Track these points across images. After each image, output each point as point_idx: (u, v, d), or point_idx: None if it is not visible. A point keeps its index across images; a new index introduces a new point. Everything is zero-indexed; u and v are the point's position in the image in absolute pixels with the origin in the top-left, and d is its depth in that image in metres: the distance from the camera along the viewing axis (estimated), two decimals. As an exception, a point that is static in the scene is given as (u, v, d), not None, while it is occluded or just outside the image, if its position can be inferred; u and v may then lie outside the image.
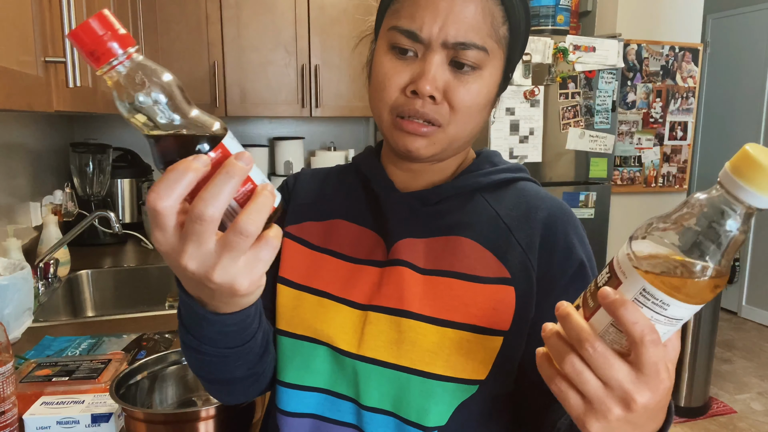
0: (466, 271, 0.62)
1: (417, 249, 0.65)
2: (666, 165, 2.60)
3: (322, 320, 0.64)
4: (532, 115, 2.23)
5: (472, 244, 0.64)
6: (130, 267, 1.93)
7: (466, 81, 0.60)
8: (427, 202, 0.67)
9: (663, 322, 0.40)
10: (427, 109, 0.60)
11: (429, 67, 0.59)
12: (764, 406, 2.96)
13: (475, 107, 0.61)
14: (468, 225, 0.65)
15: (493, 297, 0.61)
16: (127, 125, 2.69)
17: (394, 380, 0.61)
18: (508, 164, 0.71)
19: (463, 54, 0.59)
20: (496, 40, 0.61)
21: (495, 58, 0.61)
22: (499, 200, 0.67)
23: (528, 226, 0.64)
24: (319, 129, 2.98)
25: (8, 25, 0.73)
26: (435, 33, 0.58)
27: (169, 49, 2.36)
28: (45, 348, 1.21)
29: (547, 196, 0.68)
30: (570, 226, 0.65)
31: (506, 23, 0.61)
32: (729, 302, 4.32)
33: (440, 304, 0.61)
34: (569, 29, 2.35)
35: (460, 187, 0.67)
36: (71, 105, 1.01)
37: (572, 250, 0.64)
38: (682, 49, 2.52)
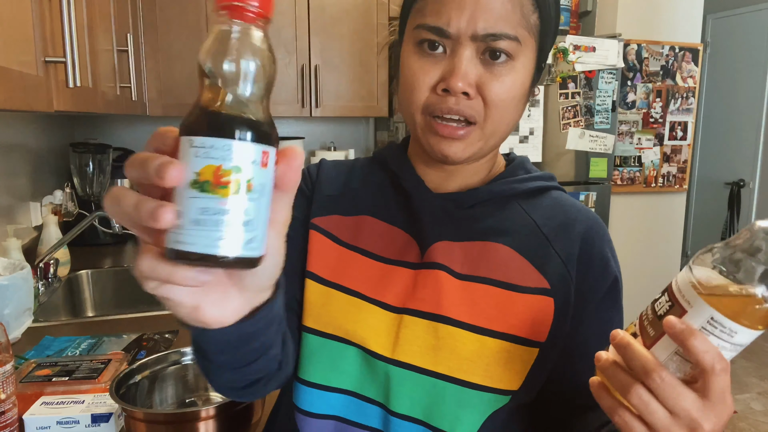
0: (504, 279, 0.61)
1: (453, 253, 0.63)
2: (666, 165, 2.60)
3: (354, 321, 0.62)
4: (532, 115, 2.23)
5: (509, 251, 0.62)
6: (130, 267, 1.93)
7: (500, 73, 0.57)
8: (462, 205, 0.65)
9: (729, 349, 0.41)
10: (462, 106, 0.57)
11: (460, 63, 0.56)
12: (764, 406, 2.97)
13: (510, 100, 0.59)
14: (504, 231, 0.63)
15: (532, 307, 0.60)
16: (127, 125, 2.69)
17: (429, 387, 0.59)
18: (540, 172, 0.71)
19: (495, 45, 0.56)
20: (528, 28, 0.58)
21: (527, 48, 0.59)
22: (535, 209, 0.66)
23: (566, 238, 0.63)
24: (319, 129, 2.98)
25: (8, 25, 0.73)
26: (463, 26, 0.56)
27: (169, 49, 2.36)
28: (45, 348, 1.21)
29: (583, 209, 0.68)
30: (605, 240, 0.65)
31: (537, 11, 0.58)
32: (729, 302, 4.31)
33: (478, 311, 0.60)
34: (569, 29, 2.35)
35: (496, 192, 0.65)
36: (71, 105, 1.01)
37: (608, 264, 0.64)
38: (682, 49, 2.52)
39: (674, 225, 2.67)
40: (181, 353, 0.94)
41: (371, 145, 3.05)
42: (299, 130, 2.95)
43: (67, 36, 0.88)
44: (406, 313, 0.61)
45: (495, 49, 0.56)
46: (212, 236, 0.32)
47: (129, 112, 1.69)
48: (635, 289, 2.69)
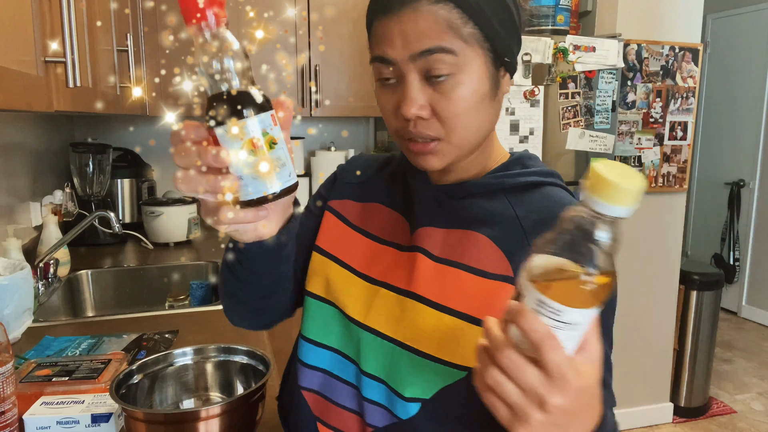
0: (474, 265, 0.65)
1: (435, 238, 0.69)
2: (666, 165, 2.60)
3: (341, 289, 0.73)
4: (532, 115, 2.23)
5: (485, 240, 0.66)
6: (130, 267, 1.93)
7: (446, 91, 0.62)
8: (453, 196, 0.71)
9: (562, 328, 0.43)
10: (419, 128, 0.63)
11: (407, 90, 0.62)
12: (764, 406, 2.96)
13: (465, 111, 0.63)
14: (486, 222, 0.67)
15: (493, 292, 0.64)
16: (127, 125, 2.69)
17: (389, 352, 0.67)
18: (541, 168, 0.72)
19: (432, 63, 0.61)
20: (463, 39, 0.61)
21: (469, 57, 0.62)
22: (522, 202, 0.68)
23: (542, 229, 0.64)
24: (319, 129, 2.98)
25: (8, 25, 0.73)
26: (399, 51, 0.61)
27: (169, 49, 2.36)
28: (45, 348, 1.21)
29: (568, 203, 0.68)
30: None
31: (469, 21, 0.61)
32: (729, 302, 4.32)
33: (443, 291, 0.66)
34: (569, 29, 2.35)
35: (486, 185, 0.69)
36: (71, 105, 1.01)
37: None
38: (682, 49, 2.52)
39: (674, 225, 2.67)
40: (182, 353, 0.94)
41: (371, 145, 3.05)
42: (299, 129, 2.95)
43: (67, 36, 0.88)
44: (382, 287, 0.70)
45: (433, 68, 0.61)
46: (263, 183, 0.48)
47: (129, 112, 1.69)
48: (635, 289, 2.69)
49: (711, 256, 4.40)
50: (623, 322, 2.66)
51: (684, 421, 2.83)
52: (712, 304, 2.81)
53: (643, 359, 2.72)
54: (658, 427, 2.77)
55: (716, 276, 2.83)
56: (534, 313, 0.44)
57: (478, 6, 0.61)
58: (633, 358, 2.69)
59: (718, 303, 2.84)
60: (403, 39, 0.61)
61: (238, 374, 0.95)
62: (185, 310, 1.49)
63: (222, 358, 0.95)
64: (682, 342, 2.82)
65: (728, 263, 4.21)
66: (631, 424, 2.74)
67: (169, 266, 1.96)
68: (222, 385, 0.95)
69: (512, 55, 0.67)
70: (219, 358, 0.95)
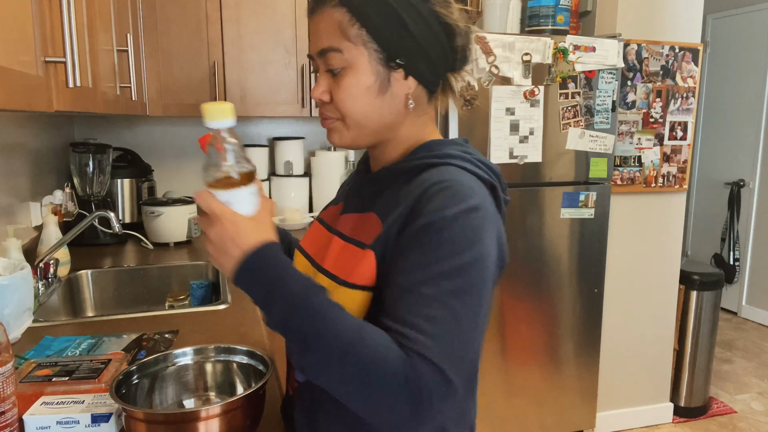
0: (358, 239, 0.77)
1: (349, 221, 0.82)
2: (666, 165, 2.60)
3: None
4: (532, 115, 2.23)
5: (375, 218, 0.77)
6: (130, 267, 1.93)
7: (338, 81, 0.75)
8: (373, 184, 0.83)
9: (226, 203, 0.71)
10: (323, 109, 0.80)
11: (317, 80, 0.78)
12: (764, 406, 2.96)
13: (353, 98, 0.75)
14: (381, 203, 0.78)
15: (362, 258, 0.74)
16: (127, 125, 2.69)
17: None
18: (445, 152, 0.78)
19: (328, 59, 0.75)
20: (349, 39, 0.73)
21: (355, 54, 0.74)
22: (411, 182, 0.76)
23: (406, 200, 0.73)
24: (319, 129, 2.98)
25: (8, 25, 0.73)
26: (312, 48, 0.77)
27: (169, 49, 2.36)
28: (45, 348, 1.21)
29: (439, 177, 0.72)
30: (434, 197, 0.70)
31: (356, 23, 0.73)
32: (729, 302, 4.32)
33: (338, 262, 0.78)
34: (569, 29, 2.35)
35: (391, 171, 0.80)
36: (71, 105, 1.01)
37: (421, 212, 0.70)
38: (682, 49, 2.52)
39: (674, 225, 2.67)
40: (182, 353, 0.94)
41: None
42: (299, 130, 2.95)
43: (67, 36, 0.89)
44: (316, 268, 0.82)
45: (329, 63, 0.75)
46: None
47: (129, 112, 1.69)
48: (635, 289, 2.69)
49: (711, 256, 4.40)
50: (623, 322, 2.66)
51: (684, 421, 2.83)
52: (712, 304, 2.81)
53: (643, 359, 2.72)
54: (658, 427, 2.77)
55: (716, 276, 2.83)
56: (208, 196, 0.72)
57: (364, 10, 0.72)
58: (633, 358, 2.69)
59: (718, 303, 2.84)
60: (314, 38, 0.76)
61: (238, 374, 0.95)
62: (185, 310, 1.49)
63: (222, 358, 0.95)
64: (682, 342, 2.82)
65: (728, 263, 4.21)
66: (631, 424, 2.74)
67: (169, 266, 1.96)
68: (222, 386, 0.95)
69: (406, 57, 0.75)
70: (219, 358, 0.95)
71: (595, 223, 2.40)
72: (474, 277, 0.67)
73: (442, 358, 0.63)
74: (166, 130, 2.74)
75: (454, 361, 0.63)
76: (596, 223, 2.40)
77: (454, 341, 0.64)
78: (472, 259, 0.67)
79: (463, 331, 0.65)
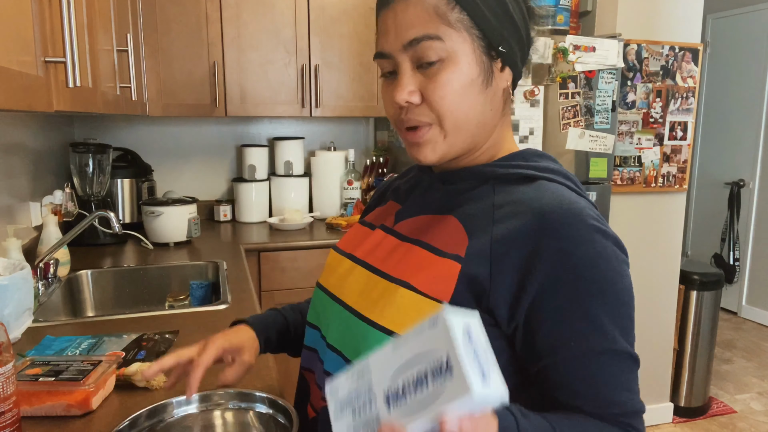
0: (433, 244, 0.67)
1: (413, 223, 0.72)
2: (666, 165, 2.60)
3: (330, 271, 0.79)
4: (532, 115, 2.23)
5: (456, 224, 0.67)
6: (130, 267, 1.93)
7: (434, 75, 0.64)
8: (446, 182, 0.73)
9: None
10: (411, 114, 0.66)
11: (399, 78, 0.65)
12: (764, 406, 2.96)
13: (453, 95, 0.64)
14: (463, 207, 0.68)
15: (441, 268, 0.64)
16: (127, 125, 2.69)
17: (345, 320, 0.70)
18: (540, 164, 0.69)
19: (421, 51, 0.63)
20: (450, 24, 0.63)
21: (457, 42, 0.63)
22: (505, 191, 0.67)
23: (509, 222, 0.63)
24: (319, 129, 2.98)
25: (8, 25, 0.73)
26: (392, 43, 0.65)
27: (169, 49, 2.36)
28: (46, 348, 1.21)
29: (560, 200, 0.62)
30: (555, 236, 0.60)
31: (456, 6, 0.63)
32: (729, 302, 4.32)
33: (400, 266, 0.67)
34: (569, 29, 2.35)
35: (477, 172, 0.70)
36: (71, 105, 1.01)
37: (559, 261, 0.59)
38: (682, 49, 2.52)
39: (674, 225, 2.67)
40: (185, 402, 0.78)
41: (371, 145, 3.05)
42: (299, 130, 2.95)
43: (67, 36, 0.88)
44: (360, 264, 0.74)
45: (423, 55, 0.63)
46: None
47: (129, 112, 1.69)
48: (635, 289, 2.68)
49: (711, 256, 4.40)
50: (623, 322, 2.66)
51: (684, 421, 2.83)
52: (712, 304, 2.81)
53: (643, 359, 2.71)
54: (658, 427, 2.77)
55: (716, 276, 2.83)
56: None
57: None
58: (633, 358, 2.69)
59: (718, 303, 2.84)
60: (396, 30, 0.64)
61: (256, 428, 0.78)
62: (185, 310, 1.49)
63: (230, 406, 0.79)
64: (682, 342, 2.82)
65: (728, 263, 4.21)
66: (631, 424, 2.73)
67: (169, 266, 1.96)
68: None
69: (507, 45, 0.66)
70: (230, 405, 0.79)
71: (595, 223, 2.40)
72: (631, 308, 0.64)
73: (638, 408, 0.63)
74: (166, 130, 2.74)
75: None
76: (596, 223, 2.40)
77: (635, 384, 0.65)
78: (628, 293, 0.63)
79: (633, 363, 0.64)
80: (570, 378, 0.60)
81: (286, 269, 2.29)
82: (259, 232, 2.52)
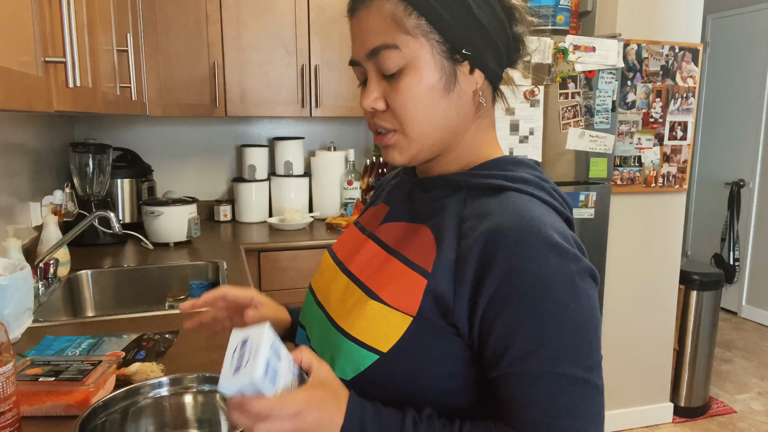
0: (407, 255, 0.68)
1: (397, 229, 0.73)
2: (666, 165, 2.60)
3: (321, 276, 0.81)
4: (532, 115, 2.23)
5: (428, 234, 0.67)
6: (130, 267, 1.93)
7: (396, 82, 0.65)
8: (423, 189, 0.73)
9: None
10: (377, 119, 0.68)
11: (367, 87, 0.67)
12: (764, 406, 2.97)
13: (410, 102, 0.65)
14: (437, 217, 0.68)
15: (409, 281, 0.65)
16: (127, 125, 2.69)
17: (325, 329, 0.72)
18: (514, 174, 0.68)
19: (381, 60, 0.64)
20: (406, 31, 0.63)
21: (415, 48, 0.63)
22: (475, 203, 0.66)
23: (472, 236, 0.63)
24: (319, 129, 2.98)
25: (8, 25, 0.73)
26: (357, 52, 0.67)
27: (169, 49, 2.36)
28: (46, 348, 1.21)
29: (510, 213, 0.62)
30: (512, 251, 0.59)
31: (413, 12, 0.63)
32: (729, 302, 4.32)
33: (375, 276, 0.69)
34: (569, 29, 2.35)
35: (450, 181, 0.70)
36: (71, 105, 1.01)
37: (508, 276, 0.59)
38: (682, 49, 2.52)
39: (674, 225, 2.67)
40: (158, 384, 0.83)
41: (371, 145, 3.05)
42: (299, 130, 2.95)
43: (67, 36, 0.88)
44: (343, 271, 0.75)
45: (382, 64, 0.64)
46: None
47: (129, 112, 1.69)
48: (635, 289, 2.69)
49: (711, 256, 4.40)
50: (623, 322, 2.66)
51: (684, 421, 2.83)
52: (712, 304, 2.81)
53: (643, 359, 2.72)
54: (658, 427, 2.77)
55: (716, 276, 2.83)
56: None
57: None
58: (633, 358, 2.69)
59: (718, 303, 2.84)
60: (360, 39, 0.66)
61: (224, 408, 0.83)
62: (185, 310, 1.49)
63: (205, 389, 0.83)
64: (682, 342, 2.82)
65: (728, 263, 4.21)
66: (631, 424, 2.74)
67: (169, 266, 1.96)
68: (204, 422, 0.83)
69: (473, 47, 0.65)
70: (201, 388, 0.83)
71: (595, 223, 2.40)
72: (589, 330, 0.60)
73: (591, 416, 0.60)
74: (166, 130, 2.74)
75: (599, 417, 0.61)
76: (596, 223, 2.40)
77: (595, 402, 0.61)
78: (585, 314, 0.60)
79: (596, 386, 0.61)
80: (506, 395, 0.61)
81: (286, 269, 2.29)
82: (259, 232, 2.52)
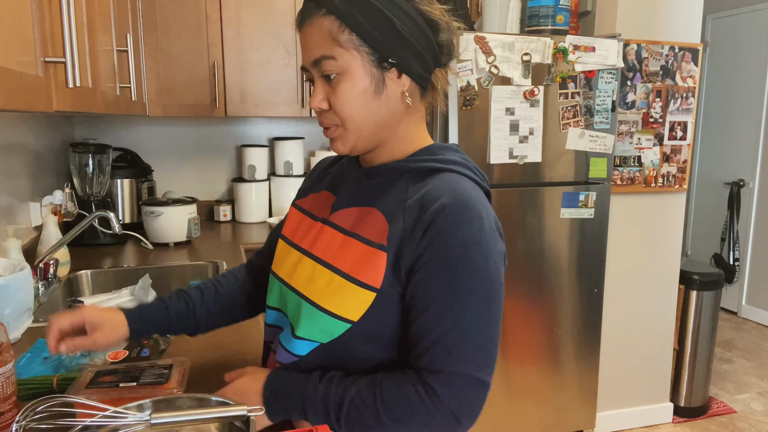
0: (364, 235, 0.80)
1: (349, 215, 0.84)
2: (666, 165, 2.60)
3: (282, 260, 0.93)
4: (532, 115, 2.23)
5: (379, 215, 0.80)
6: (130, 267, 1.93)
7: (335, 87, 0.78)
8: (369, 177, 0.86)
9: None
10: (323, 117, 0.82)
11: (313, 90, 0.81)
12: (764, 406, 2.97)
13: (346, 103, 0.78)
14: (383, 199, 0.81)
15: (370, 258, 0.78)
16: (127, 125, 2.69)
17: (298, 303, 0.84)
18: (445, 157, 0.83)
19: (323, 68, 0.77)
20: (341, 45, 0.76)
21: (348, 59, 0.76)
22: (416, 184, 0.80)
23: (419, 211, 0.76)
24: (319, 129, 2.98)
25: (8, 25, 0.73)
26: (305, 60, 0.80)
27: (169, 49, 2.36)
28: (41, 350, 1.21)
29: (451, 192, 0.76)
30: (452, 222, 0.74)
31: (346, 29, 0.75)
32: (729, 302, 4.32)
33: (339, 255, 0.81)
34: (569, 29, 2.35)
35: (392, 168, 0.83)
36: (71, 105, 1.01)
37: (443, 243, 0.74)
38: (681, 49, 2.52)
39: (674, 225, 2.67)
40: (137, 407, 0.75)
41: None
42: (299, 130, 2.95)
43: (67, 36, 0.89)
44: (305, 255, 0.87)
45: (324, 70, 0.77)
46: None
47: (129, 112, 1.69)
48: (635, 289, 2.69)
49: (711, 256, 4.40)
50: (623, 322, 2.66)
51: (684, 421, 2.83)
52: (712, 304, 2.81)
53: (643, 359, 2.72)
54: (658, 427, 2.77)
55: (716, 276, 2.83)
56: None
57: (352, 16, 0.74)
58: (633, 358, 2.69)
59: (718, 303, 2.84)
60: (306, 50, 0.79)
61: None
62: (185, 310, 1.49)
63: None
64: (682, 342, 2.82)
65: (728, 263, 4.21)
66: (631, 424, 2.74)
67: (169, 266, 1.96)
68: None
69: (398, 56, 0.77)
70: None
71: (595, 223, 2.40)
72: (496, 291, 0.76)
73: (483, 370, 0.78)
74: (166, 130, 2.74)
75: (489, 366, 0.79)
76: (596, 223, 2.40)
77: (490, 351, 0.78)
78: (495, 279, 0.76)
79: (490, 339, 0.77)
80: (418, 333, 0.76)
81: (286, 269, 2.29)
82: (259, 232, 2.52)
